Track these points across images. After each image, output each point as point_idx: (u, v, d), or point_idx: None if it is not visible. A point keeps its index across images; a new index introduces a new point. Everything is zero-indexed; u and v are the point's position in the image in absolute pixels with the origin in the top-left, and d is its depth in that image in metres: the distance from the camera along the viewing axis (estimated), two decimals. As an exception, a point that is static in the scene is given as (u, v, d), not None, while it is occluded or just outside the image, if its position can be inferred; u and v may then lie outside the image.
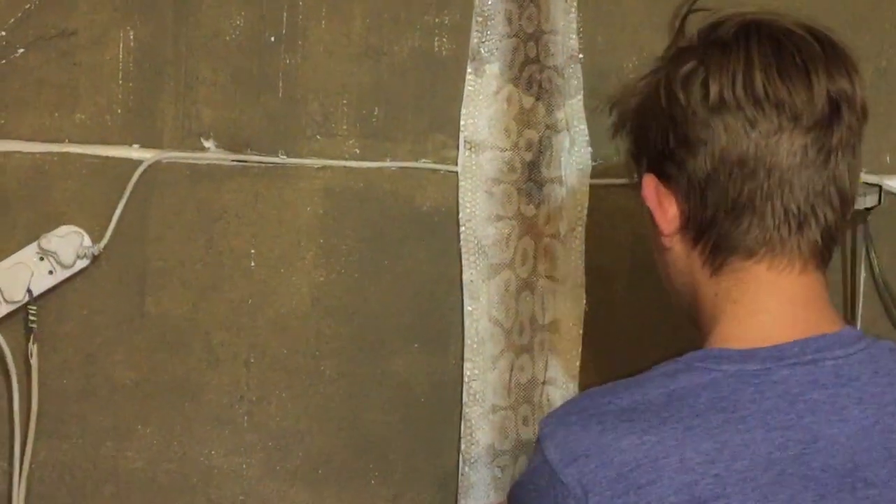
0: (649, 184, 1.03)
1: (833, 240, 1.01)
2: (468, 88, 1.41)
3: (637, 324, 1.43)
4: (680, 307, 1.09)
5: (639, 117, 1.06)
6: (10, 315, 1.37)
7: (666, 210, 1.02)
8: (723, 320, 1.01)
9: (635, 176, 1.10)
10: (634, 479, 0.91)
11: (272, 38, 1.40)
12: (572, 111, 1.42)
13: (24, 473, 1.39)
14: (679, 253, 1.04)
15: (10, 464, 1.39)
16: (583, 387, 1.44)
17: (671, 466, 0.91)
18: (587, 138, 1.43)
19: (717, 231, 0.99)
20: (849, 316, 1.49)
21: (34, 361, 1.38)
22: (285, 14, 1.40)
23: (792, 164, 0.97)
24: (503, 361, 1.43)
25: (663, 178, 1.02)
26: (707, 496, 0.90)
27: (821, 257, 1.00)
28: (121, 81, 1.38)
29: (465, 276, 1.42)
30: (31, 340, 1.38)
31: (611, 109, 1.12)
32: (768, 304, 0.99)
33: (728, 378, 0.95)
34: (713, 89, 0.97)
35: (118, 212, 1.38)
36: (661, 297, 1.41)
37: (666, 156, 1.01)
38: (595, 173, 1.43)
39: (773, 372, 0.95)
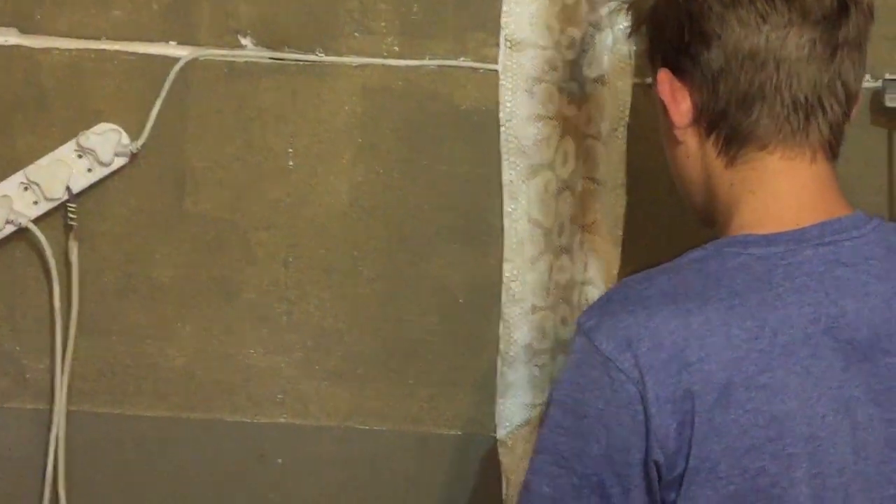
0: (664, 79, 1.07)
1: (840, 132, 1.05)
2: (509, -16, 1.38)
3: (678, 224, 1.41)
4: (692, 204, 1.12)
5: (656, 15, 1.09)
6: (49, 213, 1.38)
7: (679, 103, 1.06)
8: (741, 209, 1.04)
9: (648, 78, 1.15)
10: (685, 358, 0.95)
11: (309, -67, 1.37)
12: (616, 7, 1.38)
13: (66, 371, 1.41)
14: (691, 146, 1.08)
15: (52, 361, 1.41)
16: (623, 288, 1.43)
17: (718, 344, 0.95)
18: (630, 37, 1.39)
19: (729, 122, 1.04)
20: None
21: (74, 259, 1.39)
22: None
23: (800, 56, 1.01)
24: (542, 262, 1.42)
25: (677, 72, 1.06)
26: (754, 370, 0.95)
27: (829, 148, 1.05)
28: (157, -23, 1.37)
29: (504, 177, 1.41)
30: (71, 238, 1.39)
31: (628, 10, 1.18)
32: (784, 191, 1.03)
33: (757, 260, 0.99)
34: None
35: (156, 110, 1.38)
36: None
37: (681, 50, 1.05)
38: (638, 73, 1.40)
39: (798, 253, 1.00)
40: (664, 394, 0.95)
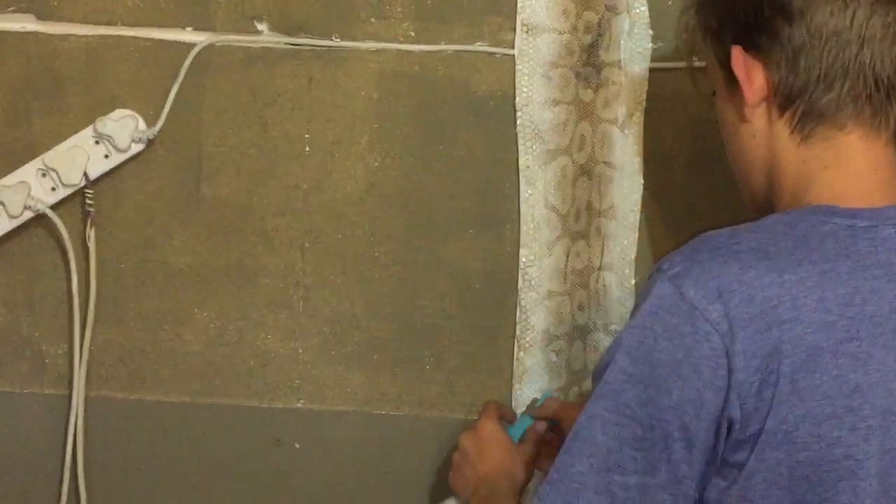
0: (738, 55, 1.06)
1: None
2: (525, -32, 1.37)
3: (695, 210, 1.41)
4: (749, 187, 1.11)
5: None
6: (67, 199, 1.39)
7: (753, 81, 1.05)
8: (816, 185, 1.04)
9: (696, 61, 1.15)
10: (777, 315, 0.94)
11: (325, -82, 1.37)
12: (633, -9, 1.38)
13: (85, 356, 1.41)
14: (759, 126, 1.07)
15: (71, 347, 1.42)
16: (640, 273, 1.43)
17: (810, 306, 0.94)
18: (647, 21, 1.39)
19: (809, 98, 1.03)
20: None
21: (92, 245, 1.40)
22: None
23: (885, 35, 1.01)
24: (559, 247, 1.42)
25: (750, 49, 1.05)
26: (843, 337, 0.95)
27: None
28: (173, -38, 1.37)
29: (521, 162, 1.40)
30: (89, 224, 1.39)
31: None
32: (861, 170, 1.03)
33: (844, 230, 0.99)
34: None
35: (172, 96, 1.38)
36: (720, 182, 1.40)
37: (757, 26, 1.04)
38: (655, 57, 1.40)
39: (880, 230, 0.99)
40: (752, 349, 0.93)
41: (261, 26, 1.39)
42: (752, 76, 1.05)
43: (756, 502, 0.96)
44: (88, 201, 1.38)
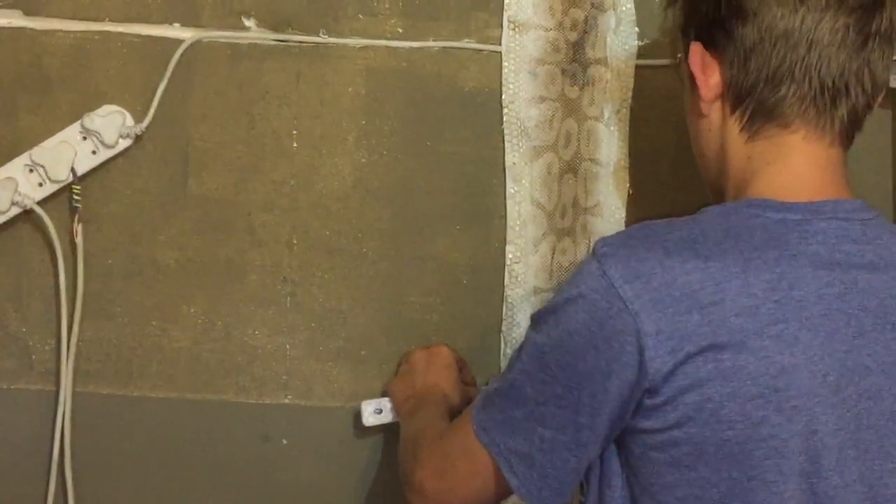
0: (696, 51, 1.10)
1: (859, 121, 1.08)
2: (512, -34, 1.38)
3: (681, 207, 1.40)
4: (706, 176, 1.15)
5: None
6: (54, 195, 1.39)
7: (708, 77, 1.09)
8: (757, 179, 1.07)
9: (679, 56, 1.16)
10: (699, 298, 0.97)
11: (313, -86, 1.37)
12: (619, -12, 1.39)
13: (72, 352, 1.41)
14: (714, 120, 1.10)
15: (59, 342, 1.41)
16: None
17: (734, 290, 0.98)
18: (634, 18, 1.40)
19: (757, 97, 1.06)
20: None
21: (79, 241, 1.40)
22: None
23: (832, 41, 1.03)
24: (545, 244, 1.43)
25: (709, 46, 1.09)
26: (768, 320, 0.98)
27: (847, 135, 1.08)
28: (160, -42, 1.37)
29: (507, 159, 1.41)
30: (76, 220, 1.39)
31: None
32: (801, 168, 1.06)
33: (775, 223, 1.02)
34: None
35: (160, 92, 1.38)
36: (706, 179, 1.40)
37: (715, 24, 1.07)
38: (641, 54, 1.41)
39: (812, 223, 1.03)
40: (667, 330, 0.97)
41: (248, 22, 1.39)
42: (708, 73, 1.09)
43: (684, 473, 1.00)
44: (76, 197, 1.38)
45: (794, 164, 1.06)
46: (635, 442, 1.03)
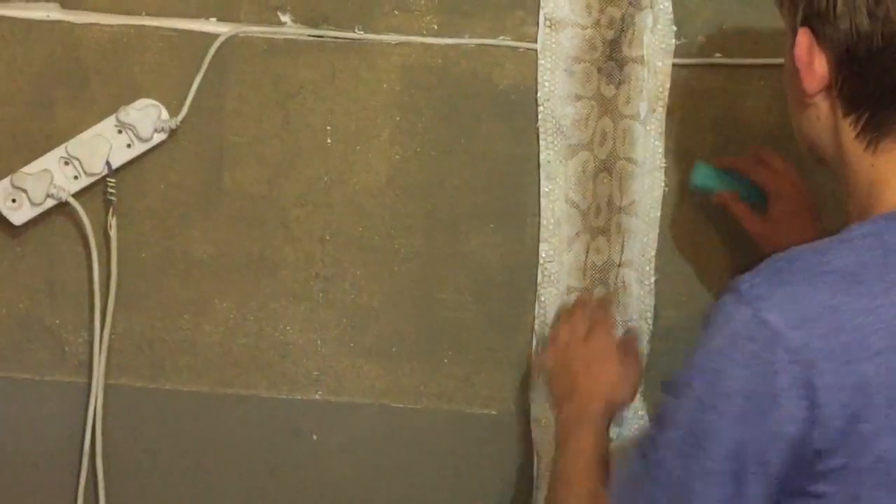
0: (803, 39, 0.97)
1: None
2: (549, -37, 1.37)
3: (716, 207, 1.41)
4: (813, 153, 1.04)
5: None
6: (89, 188, 1.39)
7: (815, 70, 0.97)
8: (890, 186, 0.96)
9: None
10: (868, 344, 0.86)
11: None
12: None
13: (105, 344, 1.42)
14: (824, 114, 0.99)
15: (91, 335, 1.42)
16: (660, 270, 1.42)
17: None
18: (671, 16, 1.38)
19: (874, 109, 0.96)
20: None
21: (113, 234, 1.40)
22: None
23: None
24: (579, 243, 1.42)
25: (819, 36, 0.96)
26: None
27: None
28: (198, -48, 1.37)
29: (542, 157, 1.40)
30: (111, 213, 1.40)
31: None
32: None
33: None
34: None
35: (195, 86, 1.38)
36: (743, 180, 1.39)
37: (829, 18, 0.95)
38: (678, 53, 1.39)
39: None
40: (839, 382, 0.86)
41: (284, 17, 1.39)
42: (816, 65, 0.97)
43: None
44: (110, 190, 1.39)
45: None
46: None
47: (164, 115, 1.38)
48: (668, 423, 0.94)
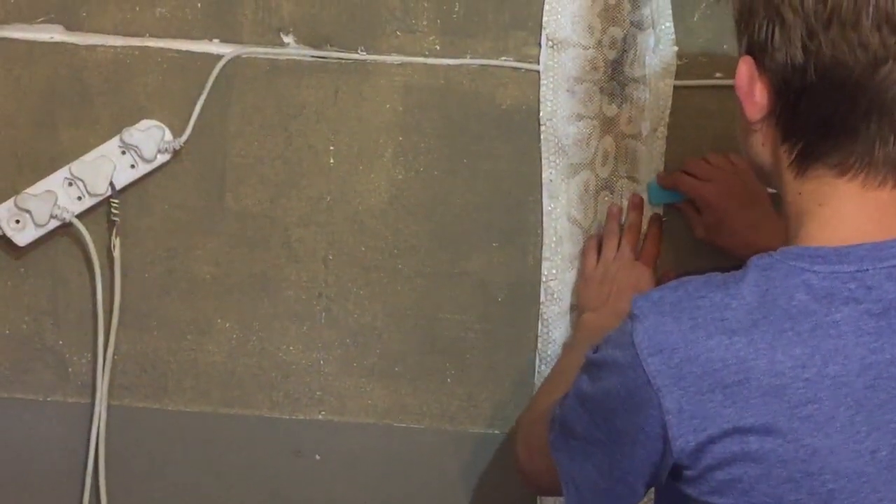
0: (743, 69, 0.98)
1: None
2: (551, -16, 1.38)
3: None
4: (759, 176, 1.06)
5: (748, 0, 0.98)
6: (93, 208, 1.39)
7: (755, 99, 0.98)
8: (810, 220, 0.98)
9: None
10: (721, 377, 0.91)
11: (353, -68, 1.38)
12: (658, 8, 1.38)
13: (108, 365, 1.42)
14: (766, 140, 1.00)
15: (95, 355, 1.42)
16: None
17: (759, 369, 0.91)
18: (673, 37, 1.39)
19: (806, 139, 0.96)
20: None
21: (117, 255, 1.40)
22: None
23: None
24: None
25: (760, 65, 0.97)
26: (797, 401, 0.91)
27: None
28: (201, -26, 1.38)
29: (544, 176, 1.41)
30: (114, 234, 1.40)
31: None
32: (857, 211, 0.96)
33: (822, 279, 0.93)
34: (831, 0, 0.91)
35: (198, 107, 1.39)
36: (744, 199, 1.39)
37: (768, 49, 0.96)
38: (680, 73, 1.40)
39: (871, 275, 0.93)
40: (688, 408, 0.92)
41: (287, 39, 1.39)
42: (756, 94, 0.98)
43: None
44: (114, 211, 1.39)
45: (848, 208, 0.96)
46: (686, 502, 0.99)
47: (168, 135, 1.39)
48: (573, 389, 1.04)
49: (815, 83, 0.93)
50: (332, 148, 1.41)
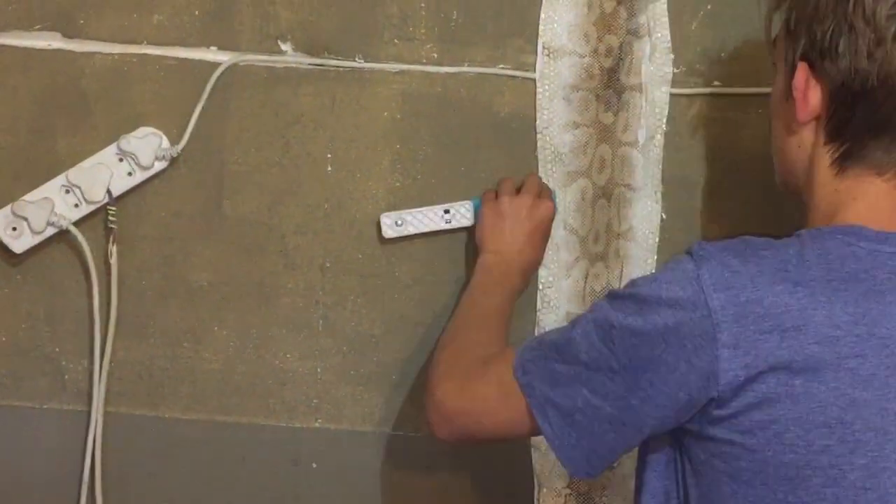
0: (802, 73, 1.06)
1: None
2: (547, -8, 1.39)
3: (714, 234, 1.42)
4: (786, 184, 1.15)
5: (813, 7, 1.05)
6: (90, 216, 1.39)
7: (809, 100, 1.07)
8: (845, 211, 1.06)
9: (773, 47, 1.14)
10: (782, 321, 0.98)
11: (350, -60, 1.39)
12: (655, 16, 1.39)
13: (105, 372, 1.42)
14: (806, 140, 1.09)
15: (91, 363, 1.42)
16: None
17: (818, 319, 0.98)
18: (669, 45, 1.40)
19: (854, 141, 1.05)
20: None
21: (114, 262, 1.40)
22: (364, -85, 1.38)
23: None
24: (578, 269, 1.43)
25: (815, 70, 1.06)
26: (847, 353, 0.98)
27: None
28: (199, -18, 1.38)
29: (541, 184, 1.41)
30: (111, 241, 1.40)
31: None
32: (891, 207, 1.06)
33: (867, 254, 1.02)
34: None
35: (196, 114, 1.39)
36: (739, 207, 1.40)
37: (831, 56, 1.04)
38: (676, 81, 1.40)
39: None
40: (745, 345, 0.97)
41: (285, 46, 1.40)
42: (809, 96, 1.07)
43: (743, 487, 1.01)
44: (111, 218, 1.39)
45: (883, 204, 1.06)
46: (701, 448, 1.04)
47: (165, 143, 1.39)
48: (592, 318, 1.06)
49: (876, 88, 1.02)
50: (329, 155, 1.41)
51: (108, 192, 1.38)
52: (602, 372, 1.03)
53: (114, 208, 1.39)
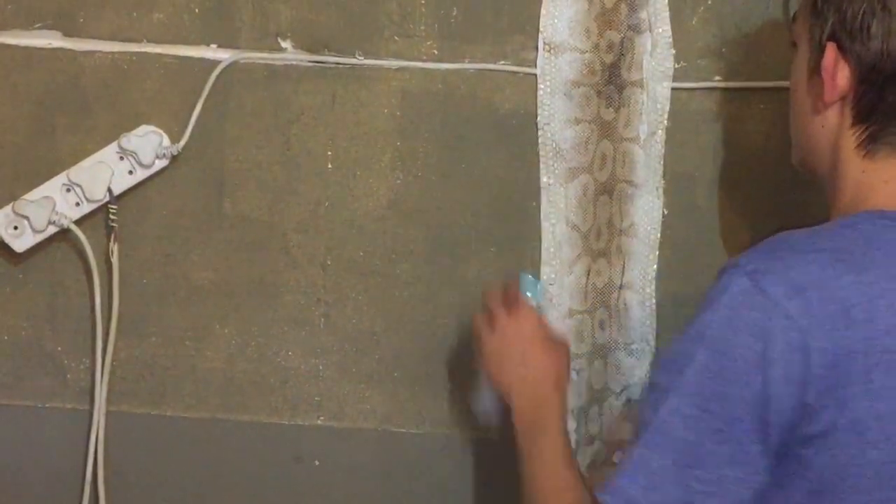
0: (830, 54, 1.05)
1: None
2: (548, -12, 1.38)
3: (715, 229, 1.41)
4: (805, 163, 1.13)
5: None
6: (91, 214, 1.39)
7: (837, 82, 1.06)
8: (875, 194, 1.05)
9: (793, 28, 1.14)
10: (854, 315, 0.95)
11: (350, -64, 1.38)
12: (656, 11, 1.38)
13: (106, 371, 1.41)
14: (830, 122, 1.08)
15: (93, 361, 1.42)
16: (660, 292, 1.42)
17: (884, 308, 0.96)
18: (670, 40, 1.39)
19: (884, 122, 1.04)
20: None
21: (115, 260, 1.40)
22: (364, -89, 1.38)
23: None
24: (580, 265, 1.42)
25: (844, 51, 1.05)
26: None
27: None
28: (199, -20, 1.38)
29: (542, 180, 1.41)
30: (112, 240, 1.40)
31: None
32: None
33: None
34: None
35: (196, 112, 1.39)
36: (742, 202, 1.40)
37: (859, 37, 1.03)
38: (677, 76, 1.40)
39: None
40: (828, 346, 0.95)
41: (285, 44, 1.39)
42: (838, 77, 1.06)
43: (826, 497, 0.97)
44: (112, 216, 1.39)
45: None
46: (786, 463, 0.99)
47: (166, 141, 1.39)
48: (669, 390, 0.99)
49: None
50: (330, 153, 1.41)
51: (109, 190, 1.38)
52: (707, 440, 0.97)
53: (115, 207, 1.39)
